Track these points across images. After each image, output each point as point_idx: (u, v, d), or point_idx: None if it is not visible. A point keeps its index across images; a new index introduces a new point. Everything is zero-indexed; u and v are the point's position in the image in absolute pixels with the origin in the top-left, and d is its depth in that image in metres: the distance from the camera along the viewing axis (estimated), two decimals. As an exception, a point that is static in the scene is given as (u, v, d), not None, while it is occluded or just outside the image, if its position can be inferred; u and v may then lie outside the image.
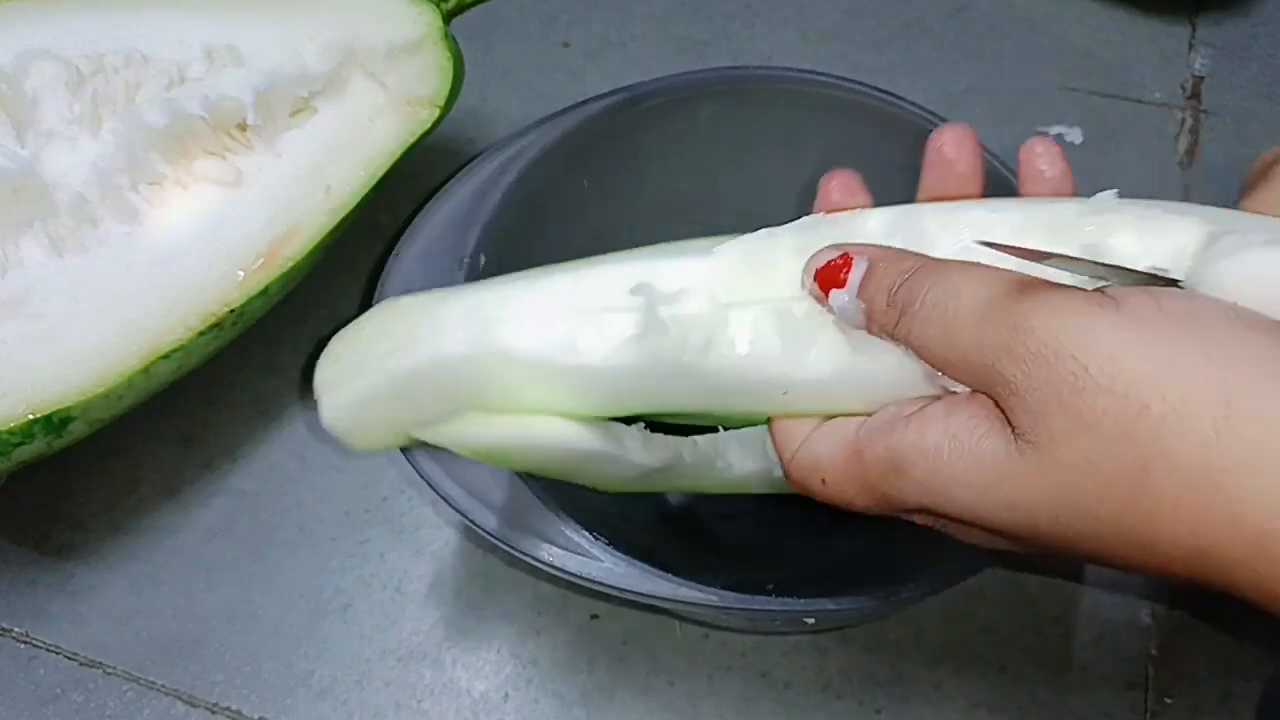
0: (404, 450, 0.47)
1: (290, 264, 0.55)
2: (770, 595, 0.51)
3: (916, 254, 0.35)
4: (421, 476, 0.46)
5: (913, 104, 0.55)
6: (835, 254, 0.36)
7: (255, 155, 0.57)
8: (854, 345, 0.36)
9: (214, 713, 0.52)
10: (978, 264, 0.34)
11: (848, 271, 0.35)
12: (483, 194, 0.48)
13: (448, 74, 0.60)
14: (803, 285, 0.37)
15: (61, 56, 0.55)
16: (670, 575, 0.44)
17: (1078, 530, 0.30)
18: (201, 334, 0.53)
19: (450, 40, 0.61)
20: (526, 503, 0.45)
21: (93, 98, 0.55)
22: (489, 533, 0.45)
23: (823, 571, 0.53)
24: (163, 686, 0.53)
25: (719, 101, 0.57)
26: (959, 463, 0.32)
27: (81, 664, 0.53)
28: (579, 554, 0.44)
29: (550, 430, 0.44)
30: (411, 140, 0.59)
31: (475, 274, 0.51)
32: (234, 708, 0.52)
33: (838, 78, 0.56)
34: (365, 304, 0.51)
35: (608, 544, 0.44)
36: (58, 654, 0.54)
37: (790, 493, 0.53)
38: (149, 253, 0.54)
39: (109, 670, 0.53)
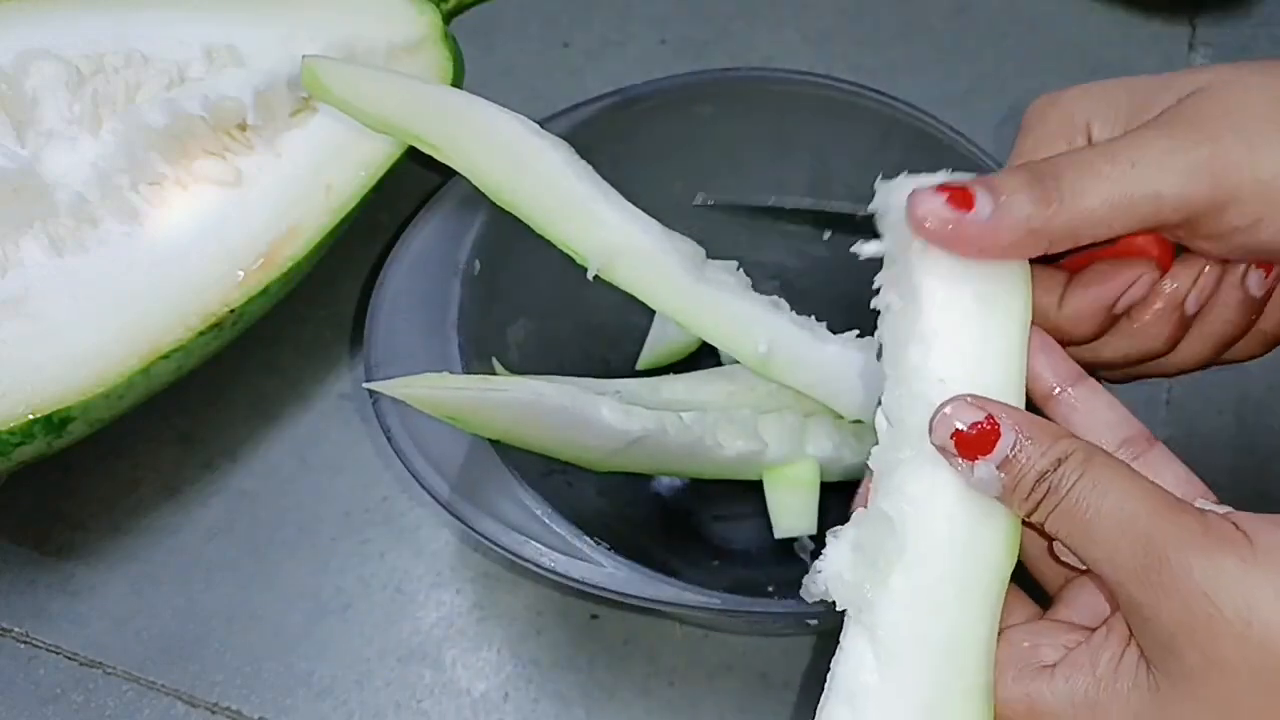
0: (398, 452, 0.47)
1: (290, 264, 0.55)
2: (771, 597, 0.51)
3: (1065, 433, 0.33)
4: (419, 481, 0.46)
5: (907, 104, 0.55)
6: (978, 414, 0.33)
7: (255, 155, 0.57)
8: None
9: (214, 713, 0.52)
10: (1128, 467, 0.32)
11: (994, 440, 0.33)
12: (478, 198, 0.48)
13: (448, 74, 0.60)
14: (929, 438, 0.34)
15: (61, 56, 0.55)
16: (672, 579, 0.44)
17: None
18: (201, 334, 0.53)
19: (450, 40, 0.61)
20: (526, 507, 0.45)
21: (93, 98, 0.55)
22: (488, 539, 0.45)
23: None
24: (163, 686, 0.53)
25: (713, 103, 0.57)
26: (1111, 711, 0.31)
27: (81, 664, 0.53)
28: (580, 559, 0.44)
29: (517, 386, 0.45)
30: (411, 140, 0.59)
31: (470, 279, 0.51)
32: (234, 708, 0.52)
33: (832, 78, 0.56)
34: (365, 304, 0.51)
35: (609, 549, 0.44)
36: (58, 654, 0.54)
37: None
38: (149, 253, 0.54)
39: (109, 670, 0.53)
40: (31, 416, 0.49)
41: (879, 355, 0.37)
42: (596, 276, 0.47)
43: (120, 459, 0.59)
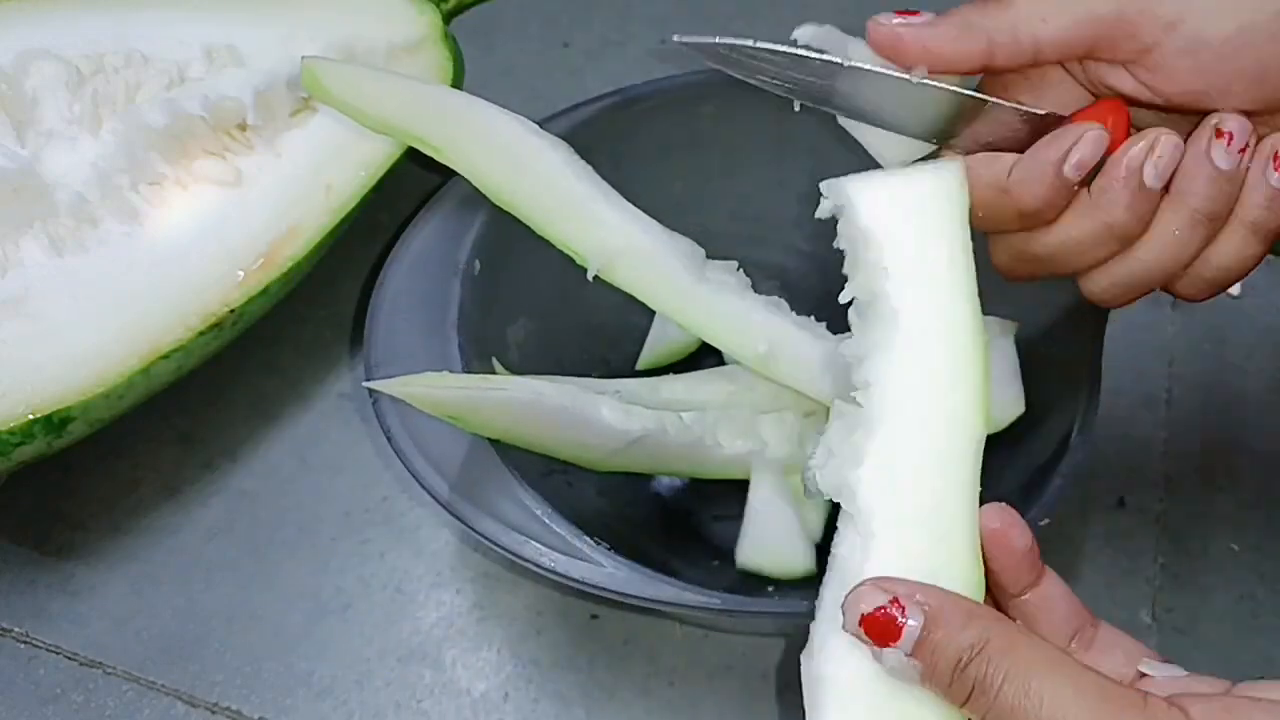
0: (398, 452, 0.47)
1: (290, 264, 0.55)
2: (771, 597, 0.51)
3: (977, 612, 0.32)
4: (419, 481, 0.46)
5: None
6: (882, 598, 0.32)
7: (255, 155, 0.57)
8: None
9: (214, 713, 0.52)
10: (1051, 655, 0.31)
11: (900, 623, 0.32)
12: (478, 198, 0.48)
13: (448, 74, 0.60)
14: (843, 625, 0.33)
15: (61, 56, 0.55)
16: (672, 579, 0.44)
17: None
18: (201, 334, 0.53)
19: (450, 40, 0.61)
20: (526, 507, 0.45)
21: (93, 98, 0.55)
22: (488, 539, 0.45)
23: (823, 572, 0.53)
24: (163, 686, 0.53)
25: (713, 103, 0.57)
26: None
27: (81, 664, 0.53)
28: (580, 559, 0.44)
29: (516, 386, 0.46)
30: (411, 140, 0.59)
31: (470, 279, 0.51)
32: (234, 708, 0.52)
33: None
34: (365, 304, 0.51)
35: (609, 549, 0.44)
36: (58, 654, 0.54)
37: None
38: (149, 253, 0.54)
39: (109, 670, 0.53)
40: (31, 416, 0.49)
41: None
42: (596, 277, 0.47)
43: (120, 459, 0.59)
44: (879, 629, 0.32)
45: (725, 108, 0.57)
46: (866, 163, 0.57)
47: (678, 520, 0.56)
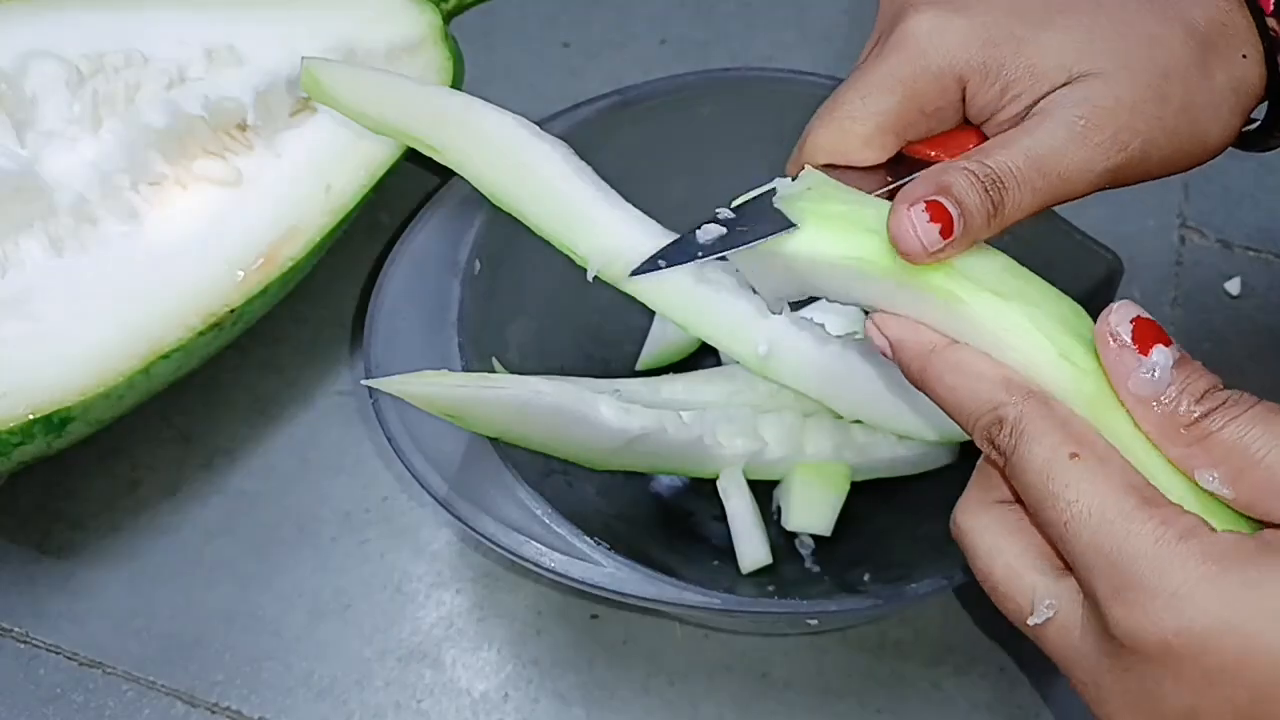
0: (398, 451, 0.47)
1: (290, 264, 0.55)
2: (771, 597, 0.51)
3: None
4: (418, 481, 0.46)
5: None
6: (1135, 310, 0.33)
7: (255, 155, 0.57)
8: None
9: (214, 713, 0.52)
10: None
11: (1166, 337, 0.33)
12: (478, 198, 0.48)
13: (448, 74, 0.60)
14: (1109, 336, 0.33)
15: (61, 56, 0.55)
16: (672, 579, 0.44)
17: None
18: (201, 334, 0.53)
19: (450, 40, 0.61)
20: (526, 507, 0.45)
21: (93, 98, 0.55)
22: (488, 539, 0.45)
23: (823, 572, 0.54)
24: (163, 686, 0.53)
25: (713, 103, 0.57)
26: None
27: (81, 664, 0.53)
28: (580, 559, 0.44)
29: (516, 384, 0.46)
30: (411, 140, 0.59)
31: (470, 279, 0.51)
32: (234, 708, 0.52)
33: (832, 78, 0.56)
34: (365, 304, 0.51)
35: (609, 549, 0.44)
36: (58, 654, 0.54)
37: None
38: (149, 253, 0.54)
39: (109, 670, 0.53)
40: (31, 416, 0.49)
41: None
42: (596, 277, 0.47)
43: (120, 459, 0.59)
44: (1147, 332, 0.33)
45: (725, 108, 0.57)
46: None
47: (678, 520, 0.56)
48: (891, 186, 0.39)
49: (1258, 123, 0.42)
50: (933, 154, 0.40)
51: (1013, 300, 0.35)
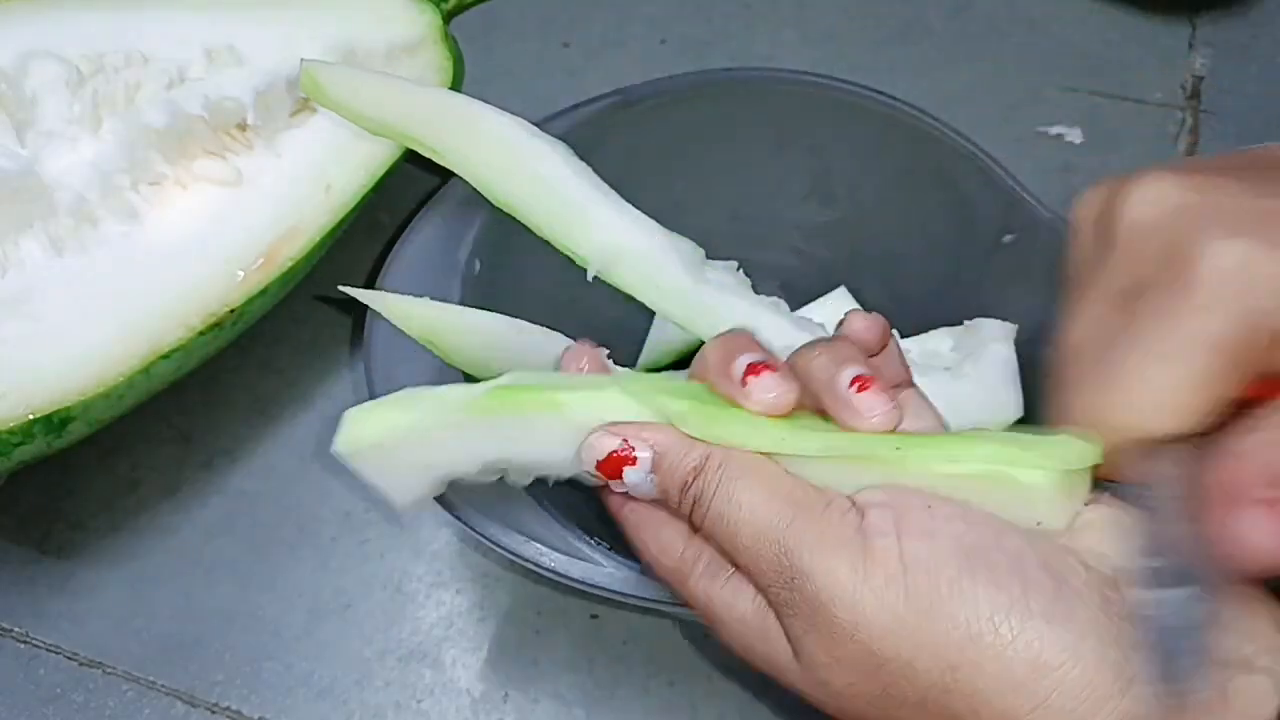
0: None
1: (290, 264, 0.55)
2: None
3: (698, 443, 0.36)
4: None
5: (907, 104, 0.55)
6: (614, 442, 0.36)
7: (255, 155, 0.57)
8: None
9: (214, 713, 0.52)
10: (758, 465, 0.35)
11: (632, 461, 0.36)
12: (478, 199, 0.48)
13: (448, 74, 0.60)
14: (583, 468, 0.37)
15: (61, 56, 0.55)
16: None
17: None
18: (201, 334, 0.53)
19: (450, 40, 0.61)
20: (525, 508, 0.45)
21: (93, 98, 0.55)
22: (488, 539, 0.45)
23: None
24: (163, 686, 0.53)
25: (713, 103, 0.57)
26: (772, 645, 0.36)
27: (81, 664, 0.54)
28: (580, 559, 0.44)
29: (498, 319, 0.46)
30: (411, 140, 0.59)
31: (471, 280, 0.51)
32: (234, 708, 0.52)
33: (832, 78, 0.56)
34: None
35: (609, 549, 0.44)
36: (58, 654, 0.54)
37: None
38: (149, 253, 0.54)
39: (109, 670, 0.53)
40: (31, 416, 0.49)
41: None
42: (596, 277, 0.47)
43: (120, 459, 0.59)
44: (612, 467, 0.36)
45: (725, 108, 0.57)
46: (869, 162, 0.57)
47: (678, 520, 0.56)
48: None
49: None
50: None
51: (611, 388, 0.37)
